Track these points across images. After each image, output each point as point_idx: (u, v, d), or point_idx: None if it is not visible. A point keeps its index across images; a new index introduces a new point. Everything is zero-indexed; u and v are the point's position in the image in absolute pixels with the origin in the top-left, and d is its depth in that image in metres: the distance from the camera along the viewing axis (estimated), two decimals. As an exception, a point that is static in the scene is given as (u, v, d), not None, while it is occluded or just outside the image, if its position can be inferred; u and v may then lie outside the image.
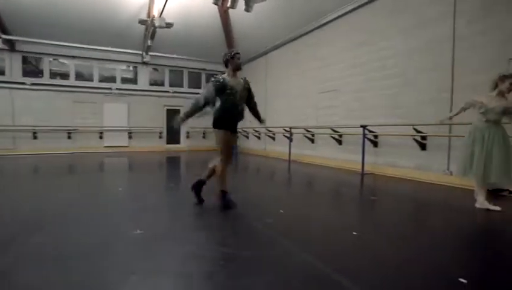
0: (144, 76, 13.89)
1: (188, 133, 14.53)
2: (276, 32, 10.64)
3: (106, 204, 3.96)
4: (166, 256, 2.26)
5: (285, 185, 6.00)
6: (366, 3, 7.42)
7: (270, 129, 11.31)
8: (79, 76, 12.83)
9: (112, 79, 13.36)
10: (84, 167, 8.36)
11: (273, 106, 11.52)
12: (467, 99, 3.92)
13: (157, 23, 9.76)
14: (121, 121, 13.30)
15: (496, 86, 3.69)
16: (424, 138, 6.04)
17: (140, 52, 12.98)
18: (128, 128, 13.42)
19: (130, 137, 13.46)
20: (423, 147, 6.09)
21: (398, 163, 6.58)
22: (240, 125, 14.06)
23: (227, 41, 13.37)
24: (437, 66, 5.87)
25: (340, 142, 8.11)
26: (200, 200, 3.87)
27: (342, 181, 6.12)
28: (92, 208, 3.73)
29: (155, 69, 14.25)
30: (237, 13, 9.75)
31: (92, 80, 12.96)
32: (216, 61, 14.44)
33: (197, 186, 3.91)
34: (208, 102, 3.60)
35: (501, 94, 3.64)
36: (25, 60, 12.06)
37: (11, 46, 11.36)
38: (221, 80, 3.54)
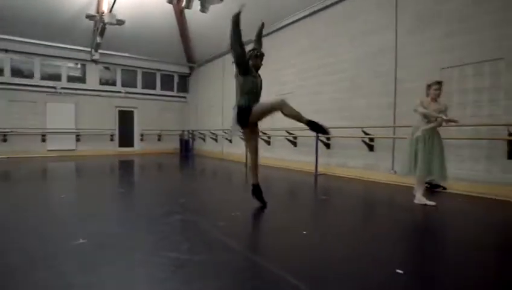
0: (94, 75, 13.04)
1: (142, 135, 13.94)
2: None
3: (46, 213, 3.63)
4: (112, 266, 2.13)
5: (240, 187, 6.00)
6: (318, 10, 7.75)
7: (226, 131, 11.27)
8: (16, 72, 11.64)
9: (57, 77, 12.35)
10: (22, 173, 7.62)
11: (230, 108, 11.49)
12: (415, 105, 4.16)
13: (106, 20, 9.24)
14: (68, 122, 12.33)
15: (427, 92, 4.17)
16: (371, 139, 6.43)
17: (89, 49, 12.20)
18: (75, 131, 12.49)
19: (77, 140, 12.55)
20: (371, 148, 6.48)
21: (349, 163, 6.93)
22: (197, 127, 13.89)
23: (183, 42, 13.13)
24: (382, 72, 6.30)
25: (295, 144, 8.33)
26: (264, 203, 3.83)
27: (296, 182, 6.29)
28: (30, 218, 3.40)
29: (106, 68, 13.47)
30: (194, 13, 9.60)
31: (32, 77, 11.85)
32: (172, 62, 14.16)
33: (256, 192, 3.86)
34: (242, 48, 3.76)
35: (433, 99, 4.07)
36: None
37: None
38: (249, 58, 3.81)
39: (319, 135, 5.03)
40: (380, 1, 6.37)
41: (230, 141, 11.30)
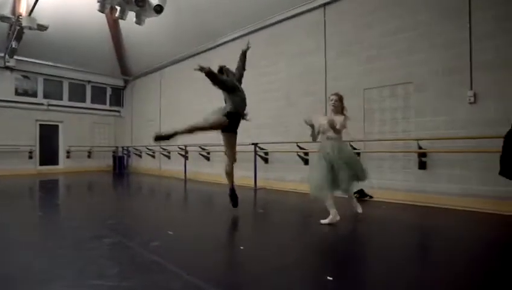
0: (8, 83, 11.49)
1: (68, 152, 12.63)
2: (171, 47, 10.47)
3: None
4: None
5: (177, 204, 5.79)
6: (255, 30, 8.08)
7: (164, 147, 10.86)
8: None
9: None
10: None
11: (168, 123, 11.14)
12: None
13: (24, 23, 8.34)
14: (26, 138, 10.56)
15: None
16: (306, 153, 6.79)
17: (2, 55, 10.79)
18: (-18, 147, 10.80)
19: (-14, 157, 10.85)
20: (306, 162, 6.83)
21: (286, 177, 7.19)
22: (132, 143, 13.15)
23: (117, 53, 12.46)
24: (314, 91, 6.77)
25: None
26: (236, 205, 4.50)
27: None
28: None
29: (25, 77, 12.02)
30: (129, 24, 9.21)
31: None
32: (105, 74, 13.28)
33: (233, 195, 4.49)
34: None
35: (333, 111, 4.03)
36: None
37: None
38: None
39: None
40: (311, 27, 6.91)
41: (169, 158, 10.89)
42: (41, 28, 8.54)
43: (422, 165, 5.12)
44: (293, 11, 7.20)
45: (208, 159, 9.18)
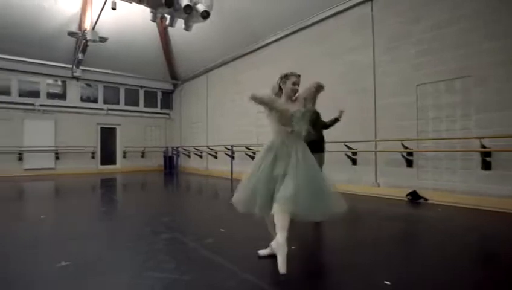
0: (75, 91, 12.81)
1: (124, 153, 13.68)
2: (217, 51, 10.82)
3: (25, 234, 3.49)
4: (97, 289, 2.07)
5: (226, 203, 5.97)
6: (298, 30, 8.07)
7: (211, 148, 11.25)
8: (-8, 90, 11.30)
9: (35, 94, 12.06)
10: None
11: (215, 124, 11.54)
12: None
13: (89, 37, 9.20)
14: (47, 140, 11.96)
15: (279, 88, 2.65)
16: (354, 153, 6.60)
17: (70, 66, 12.03)
18: (55, 148, 12.12)
19: (57, 158, 12.16)
20: (354, 161, 6.64)
21: (333, 178, 7.03)
22: (181, 143, 13.75)
23: (167, 59, 13.19)
24: (361, 89, 6.55)
25: None
26: None
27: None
28: (9, 240, 3.26)
29: (88, 85, 13.28)
30: (177, 31, 9.71)
31: (9, 94, 11.52)
32: (155, 78, 14.15)
33: None
34: None
35: (288, 98, 2.63)
36: None
37: None
38: None
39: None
40: (357, 23, 6.69)
41: (216, 158, 11.26)
42: (102, 40, 9.36)
43: (486, 166, 4.69)
44: (336, 8, 7.05)
45: (253, 159, 9.32)
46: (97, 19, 8.80)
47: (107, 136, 13.50)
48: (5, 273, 2.32)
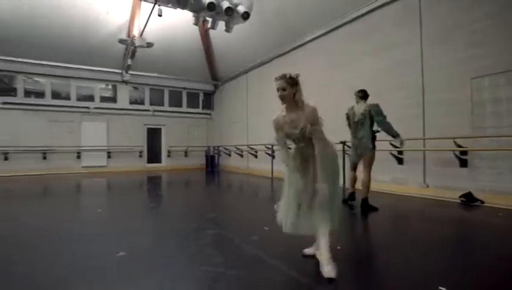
0: (124, 94, 13.73)
1: (169, 152, 14.37)
2: (256, 51, 10.93)
3: (86, 226, 3.84)
4: (152, 279, 2.22)
5: (267, 201, 6.03)
6: (338, 27, 7.87)
7: (252, 147, 11.40)
8: (55, 95, 12.52)
9: (90, 98, 13.13)
10: (60, 188, 8.06)
11: (255, 123, 11.66)
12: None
13: (137, 43, 9.80)
14: (100, 140, 12.99)
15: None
16: (400, 152, 6.30)
17: (120, 71, 12.90)
18: (107, 148, 13.11)
19: (109, 157, 13.13)
20: (400, 161, 6.34)
21: (377, 177, 6.77)
22: (222, 143, 14.01)
23: (208, 61, 13.59)
24: (407, 84, 6.22)
25: None
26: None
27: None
28: (71, 230, 3.61)
29: (135, 88, 14.15)
30: (218, 33, 9.97)
31: (69, 99, 12.67)
32: (197, 80, 14.66)
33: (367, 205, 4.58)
34: None
35: (288, 108, 2.60)
36: (-2, 79, 11.69)
37: (-18, 65, 11.01)
38: None
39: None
40: (402, 15, 6.37)
41: (256, 157, 11.38)
42: (149, 45, 9.91)
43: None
44: (379, 2, 6.76)
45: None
46: (145, 26, 9.34)
47: (153, 136, 14.28)
48: (73, 260, 2.58)
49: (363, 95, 4.87)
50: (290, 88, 2.49)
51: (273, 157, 9.62)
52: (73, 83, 12.72)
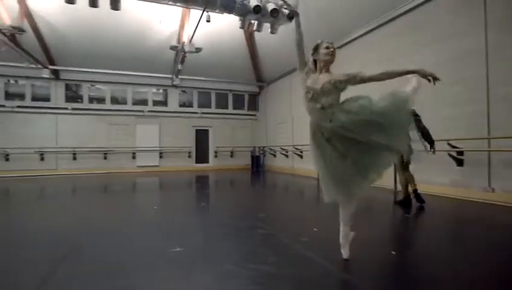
0: (174, 98, 14.53)
1: (216, 152, 14.86)
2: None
3: (144, 222, 4.14)
4: (207, 274, 2.33)
5: (315, 203, 5.96)
6: (385, 23, 7.55)
7: (297, 147, 11.33)
8: (114, 100, 13.66)
9: (144, 102, 14.08)
10: (119, 186, 8.76)
11: (300, 123, 11.57)
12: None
13: (187, 49, 10.28)
14: (153, 141, 13.88)
15: (314, 63, 2.66)
16: (460, 152, 5.83)
17: (171, 76, 13.64)
18: (159, 149, 13.95)
19: (160, 157, 13.97)
20: (460, 162, 5.87)
21: (434, 180, 6.35)
22: (267, 143, 14.08)
23: (253, 63, 13.78)
24: (468, 78, 5.74)
25: None
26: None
27: (374, 198, 5.98)
28: (131, 225, 3.91)
29: (183, 91, 14.86)
30: (262, 35, 10.08)
31: (125, 103, 13.74)
32: (242, 82, 14.95)
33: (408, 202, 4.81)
34: None
35: (322, 68, 2.58)
36: (67, 87, 13.06)
37: (56, 75, 12.37)
38: None
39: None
40: (462, 3, 5.89)
41: (301, 157, 11.30)
42: (198, 50, 10.35)
43: None
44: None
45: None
46: (194, 32, 9.77)
47: (201, 137, 14.88)
48: (128, 253, 2.80)
49: None
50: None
51: (319, 158, 9.47)
52: (129, 89, 13.77)
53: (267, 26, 8.90)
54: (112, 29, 10.89)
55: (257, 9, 7.70)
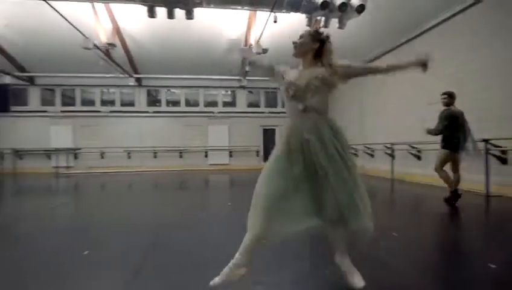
0: (242, 99, 15.08)
1: (282, 151, 14.98)
2: (369, 45, 10.28)
3: (220, 217, 4.40)
4: (283, 272, 2.38)
5: (391, 205, 5.62)
6: (473, 4, 6.66)
7: (368, 146, 10.78)
8: (188, 103, 14.77)
9: (214, 104, 14.91)
10: (194, 183, 9.44)
11: (371, 121, 10.98)
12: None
13: (254, 50, 10.55)
14: (223, 141, 14.62)
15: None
16: (504, 152, 5.07)
17: (239, 78, 14.17)
18: (228, 148, 14.64)
19: (230, 156, 14.65)
20: (504, 161, 5.06)
21: (473, 178, 5.52)
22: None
23: (320, 60, 13.50)
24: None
25: None
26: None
27: (463, 204, 5.37)
28: (209, 220, 4.20)
29: (251, 92, 15.30)
30: (328, 31, 9.80)
31: (198, 106, 14.73)
32: (308, 80, 14.78)
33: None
34: None
35: (306, 64, 2.14)
36: (148, 93, 14.55)
37: (139, 82, 13.87)
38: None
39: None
40: None
41: (372, 156, 10.72)
42: (264, 51, 10.55)
43: None
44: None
45: (418, 158, 8.33)
46: (261, 34, 9.98)
47: (269, 136, 15.16)
48: (214, 250, 3.01)
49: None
50: (310, 42, 2.05)
51: (393, 157, 8.87)
52: (201, 92, 14.71)
53: (334, 21, 8.64)
54: (185, 37, 11.74)
55: (324, 5, 7.54)
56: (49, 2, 7.27)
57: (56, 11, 7.72)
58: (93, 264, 2.58)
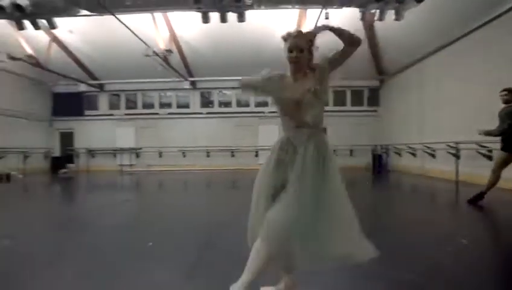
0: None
1: (334, 151, 14.44)
2: (430, 37, 9.53)
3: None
4: (343, 274, 2.34)
5: (457, 210, 5.17)
6: None
7: (428, 145, 10.00)
8: (239, 103, 15.14)
9: (265, 104, 15.02)
10: (246, 182, 9.64)
11: (432, 119, 10.17)
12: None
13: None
14: (273, 141, 14.50)
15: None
16: None
17: (288, 77, 14.13)
18: (278, 148, 14.68)
19: (279, 155, 14.67)
20: None
21: None
22: (391, 141, 13.09)
23: (373, 55, 12.90)
24: None
25: (490, 157, 6.34)
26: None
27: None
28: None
29: (300, 91, 15.17)
30: (382, 24, 9.29)
31: (248, 106, 15.02)
32: (361, 77, 14.17)
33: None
34: None
35: (295, 73, 1.88)
36: (201, 95, 15.24)
37: (193, 85, 14.59)
38: None
39: None
40: None
41: (434, 156, 9.92)
42: (316, 49, 10.39)
43: None
44: None
45: (489, 158, 7.50)
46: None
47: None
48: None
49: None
50: (307, 52, 1.80)
51: (458, 157, 8.13)
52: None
53: (390, 13, 8.18)
54: (237, 40, 12.06)
55: (379, -2, 7.19)
56: (116, 15, 8.01)
57: (122, 23, 8.48)
58: (155, 256, 2.79)
